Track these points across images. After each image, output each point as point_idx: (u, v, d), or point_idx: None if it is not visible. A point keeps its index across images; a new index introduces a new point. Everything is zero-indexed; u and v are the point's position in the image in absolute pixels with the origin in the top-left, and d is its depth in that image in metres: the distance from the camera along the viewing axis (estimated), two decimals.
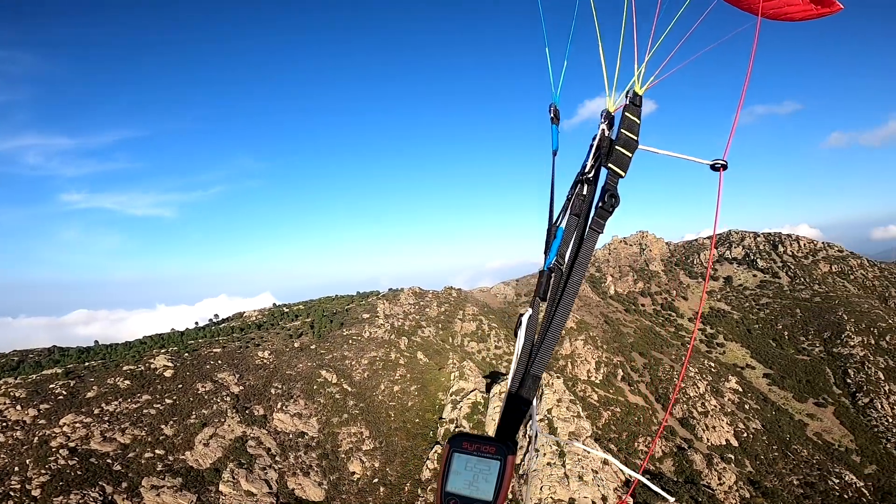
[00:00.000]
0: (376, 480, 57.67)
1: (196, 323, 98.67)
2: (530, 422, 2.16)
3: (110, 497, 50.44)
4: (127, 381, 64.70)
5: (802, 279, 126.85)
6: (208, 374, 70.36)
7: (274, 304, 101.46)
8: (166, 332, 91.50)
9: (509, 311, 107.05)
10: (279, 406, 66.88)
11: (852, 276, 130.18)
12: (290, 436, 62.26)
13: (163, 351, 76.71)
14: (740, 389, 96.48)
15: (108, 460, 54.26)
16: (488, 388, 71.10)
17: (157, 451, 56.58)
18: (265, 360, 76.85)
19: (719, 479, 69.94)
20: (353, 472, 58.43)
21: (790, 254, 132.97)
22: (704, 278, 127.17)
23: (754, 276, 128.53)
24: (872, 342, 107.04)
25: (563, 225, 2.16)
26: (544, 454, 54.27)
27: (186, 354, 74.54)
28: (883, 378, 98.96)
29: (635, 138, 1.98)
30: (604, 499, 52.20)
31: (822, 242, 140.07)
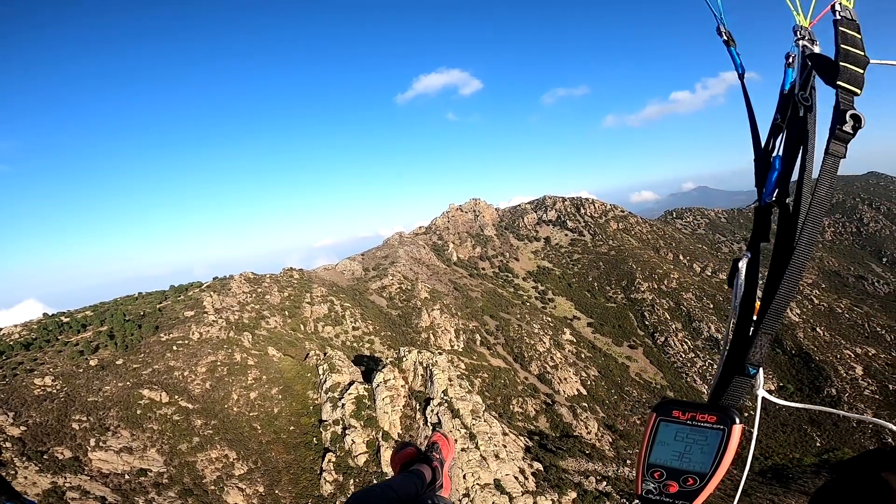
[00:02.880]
0: None
1: None
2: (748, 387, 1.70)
3: None
4: None
5: (600, 236, 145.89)
6: None
7: (45, 315, 73.84)
8: None
9: (360, 287, 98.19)
10: (93, 443, 48.40)
11: (633, 232, 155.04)
12: (126, 476, 45.46)
13: None
14: (574, 340, 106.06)
15: None
16: (366, 377, 63.05)
17: None
18: (49, 389, 55.23)
19: (586, 428, 74.90)
20: None
21: (590, 215, 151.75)
22: (529, 240, 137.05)
23: (566, 235, 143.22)
24: (656, 287, 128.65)
25: (780, 153, 1.80)
26: (455, 440, 49.47)
27: None
28: (669, 318, 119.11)
29: (863, 53, 1.69)
30: (521, 472, 50.12)
31: (610, 204, 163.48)
